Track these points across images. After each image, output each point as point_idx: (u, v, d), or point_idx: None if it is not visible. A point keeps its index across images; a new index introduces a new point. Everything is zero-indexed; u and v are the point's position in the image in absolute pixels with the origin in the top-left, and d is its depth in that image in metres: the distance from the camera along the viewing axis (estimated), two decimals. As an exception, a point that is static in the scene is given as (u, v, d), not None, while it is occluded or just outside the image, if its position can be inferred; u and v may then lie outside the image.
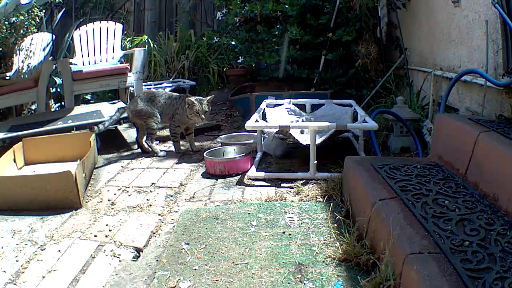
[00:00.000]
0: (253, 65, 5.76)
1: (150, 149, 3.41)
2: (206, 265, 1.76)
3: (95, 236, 2.09)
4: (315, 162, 2.66)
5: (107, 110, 3.86)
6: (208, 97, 3.27)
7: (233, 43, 5.53)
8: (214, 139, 3.77)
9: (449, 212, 1.65)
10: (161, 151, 3.39)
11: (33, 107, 4.72)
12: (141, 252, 1.95)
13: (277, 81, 4.90)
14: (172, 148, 3.51)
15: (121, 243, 2.02)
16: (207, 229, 2.07)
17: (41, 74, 4.14)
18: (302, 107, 3.66)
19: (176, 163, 3.18)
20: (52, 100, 4.77)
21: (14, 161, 2.97)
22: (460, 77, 2.69)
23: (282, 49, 4.71)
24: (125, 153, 3.48)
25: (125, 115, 3.41)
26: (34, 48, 4.60)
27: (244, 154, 2.93)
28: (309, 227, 2.04)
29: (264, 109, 3.44)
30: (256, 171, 2.81)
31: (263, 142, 3.26)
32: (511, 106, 2.34)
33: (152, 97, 3.39)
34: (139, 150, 3.50)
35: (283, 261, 1.76)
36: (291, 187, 2.58)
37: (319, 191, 2.48)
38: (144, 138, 3.45)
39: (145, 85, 5.11)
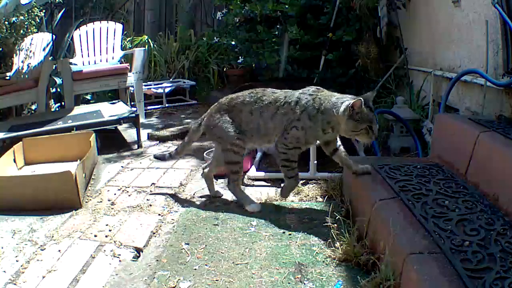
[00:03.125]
0: (253, 65, 5.76)
1: (224, 194, 2.44)
2: (206, 265, 1.76)
3: (95, 236, 2.09)
4: (315, 162, 2.66)
5: (107, 110, 3.86)
6: (369, 93, 2.08)
7: (233, 43, 5.52)
8: (214, 139, 3.77)
9: (449, 212, 1.65)
10: (252, 203, 2.28)
11: (33, 107, 4.71)
12: (141, 252, 1.95)
13: (277, 81, 4.89)
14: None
15: (121, 243, 2.02)
16: (207, 229, 2.07)
17: (41, 74, 4.14)
18: (302, 107, 3.65)
19: (176, 163, 3.18)
20: (52, 100, 4.77)
21: (14, 161, 2.97)
22: (460, 77, 2.69)
23: (282, 49, 4.71)
24: (125, 153, 3.48)
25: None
26: (34, 48, 4.59)
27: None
28: (309, 227, 2.04)
29: (264, 109, 3.43)
30: (256, 171, 2.81)
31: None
32: (511, 106, 2.34)
33: (235, 103, 2.29)
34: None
35: (283, 261, 1.76)
36: (291, 187, 2.58)
37: (319, 191, 2.48)
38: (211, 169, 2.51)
39: (145, 85, 5.11)
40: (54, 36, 4.69)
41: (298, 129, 2.11)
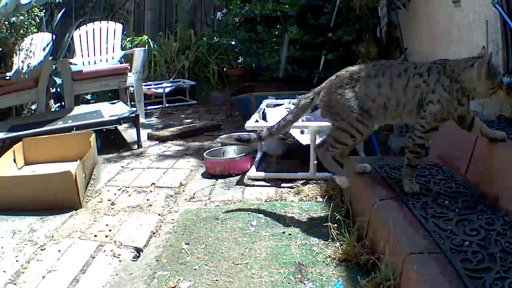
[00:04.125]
0: (253, 65, 5.76)
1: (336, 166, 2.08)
2: (206, 265, 1.76)
3: (95, 236, 2.09)
4: (315, 162, 2.66)
5: (107, 110, 3.86)
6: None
7: (233, 43, 5.53)
8: (214, 139, 3.77)
9: (449, 212, 1.65)
10: (342, 175, 2.06)
11: (33, 107, 4.71)
12: (141, 252, 1.95)
13: (277, 81, 4.90)
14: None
15: (121, 243, 2.02)
16: (207, 229, 2.07)
17: (41, 74, 4.14)
18: (302, 107, 3.65)
19: (176, 163, 3.18)
20: (52, 100, 4.77)
21: (14, 161, 2.97)
22: (460, 77, 2.69)
23: (282, 49, 4.71)
24: (125, 153, 3.48)
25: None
26: (34, 48, 4.59)
27: (244, 154, 2.93)
28: (309, 227, 2.04)
29: (264, 109, 3.44)
30: (256, 171, 2.81)
31: (263, 142, 3.25)
32: (511, 106, 2.34)
33: (358, 76, 2.01)
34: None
35: (283, 261, 1.76)
36: (291, 187, 2.58)
37: (319, 191, 2.49)
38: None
39: (145, 85, 5.11)
40: (54, 36, 4.69)
41: (435, 103, 1.82)
